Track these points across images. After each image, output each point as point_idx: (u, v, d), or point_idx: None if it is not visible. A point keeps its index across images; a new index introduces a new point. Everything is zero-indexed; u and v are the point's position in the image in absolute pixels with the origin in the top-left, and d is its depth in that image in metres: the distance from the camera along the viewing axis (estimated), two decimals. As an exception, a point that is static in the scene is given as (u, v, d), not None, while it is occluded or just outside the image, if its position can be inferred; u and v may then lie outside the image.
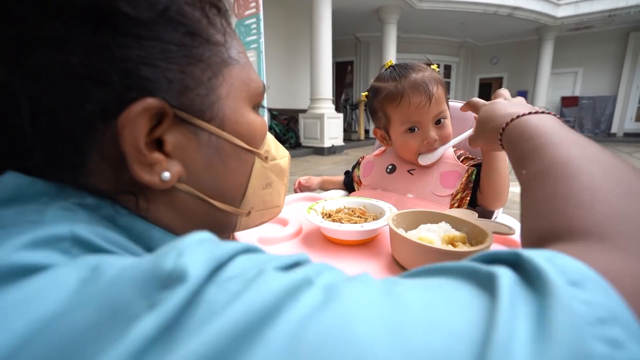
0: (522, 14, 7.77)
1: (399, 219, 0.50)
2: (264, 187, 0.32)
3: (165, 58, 0.22)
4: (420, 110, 0.65)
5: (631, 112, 9.17)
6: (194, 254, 0.15)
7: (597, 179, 0.22)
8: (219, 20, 0.26)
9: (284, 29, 6.32)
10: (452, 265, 0.16)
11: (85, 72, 0.19)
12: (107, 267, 0.15)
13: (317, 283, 0.15)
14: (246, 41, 3.64)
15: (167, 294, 0.13)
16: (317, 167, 4.43)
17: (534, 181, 0.27)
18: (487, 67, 11.10)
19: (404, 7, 6.88)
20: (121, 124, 0.20)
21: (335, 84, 9.30)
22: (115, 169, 0.22)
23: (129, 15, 0.20)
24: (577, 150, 0.26)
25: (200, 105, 0.24)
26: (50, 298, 0.14)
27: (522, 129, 0.34)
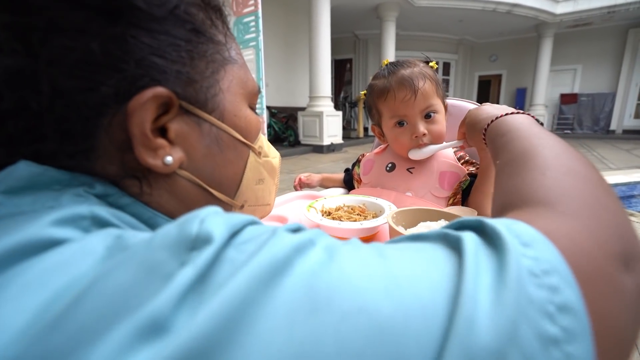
0: (521, 11, 7.76)
1: (398, 217, 0.50)
2: (257, 182, 0.34)
3: (173, 51, 0.24)
4: (406, 104, 0.67)
5: (630, 109, 9.18)
6: (214, 221, 0.17)
7: (548, 160, 0.26)
8: (220, 23, 0.29)
9: (283, 26, 6.30)
10: (428, 233, 0.20)
11: (102, 59, 0.21)
12: (129, 237, 0.17)
13: (318, 244, 0.17)
14: (245, 39, 3.63)
15: (195, 254, 0.15)
16: (316, 165, 4.43)
17: (503, 168, 0.30)
18: (486, 65, 11.09)
19: (403, 4, 6.87)
20: (132, 108, 0.22)
21: (334, 82, 9.29)
22: (121, 152, 0.23)
23: (143, 10, 0.22)
24: (538, 140, 0.30)
25: (203, 96, 0.26)
26: (83, 262, 0.15)
27: (498, 127, 0.39)
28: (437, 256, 0.17)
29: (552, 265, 0.16)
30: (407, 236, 0.20)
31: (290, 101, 6.75)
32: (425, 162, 0.70)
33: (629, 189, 3.38)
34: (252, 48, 3.59)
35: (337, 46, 8.74)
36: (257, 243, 0.16)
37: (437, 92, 0.69)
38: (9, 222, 0.18)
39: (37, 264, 0.15)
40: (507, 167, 0.29)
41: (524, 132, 0.33)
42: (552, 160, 0.26)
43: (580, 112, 9.60)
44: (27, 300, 0.14)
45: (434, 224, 0.48)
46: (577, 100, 9.56)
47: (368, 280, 0.15)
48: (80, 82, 0.21)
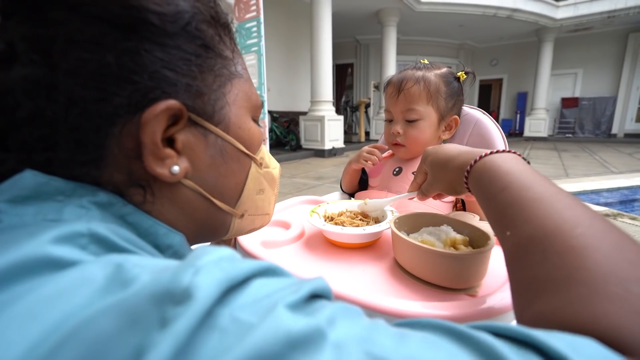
0: (521, 16, 7.79)
1: (401, 222, 0.50)
2: (258, 192, 0.34)
3: (184, 65, 0.25)
4: (391, 101, 0.71)
5: (631, 112, 9.17)
6: (209, 274, 0.15)
7: (613, 259, 0.20)
8: (228, 39, 0.30)
9: (285, 31, 6.34)
10: (478, 341, 0.15)
11: (116, 71, 0.22)
12: (130, 267, 0.17)
13: (329, 339, 0.14)
14: (247, 44, 3.65)
15: (178, 310, 0.14)
16: (318, 170, 4.43)
17: (528, 252, 0.24)
18: (487, 69, 11.11)
19: (404, 9, 6.91)
20: (145, 119, 0.23)
21: (335, 86, 9.32)
22: (129, 161, 0.24)
23: (157, 26, 0.23)
24: (569, 212, 0.24)
25: (211, 109, 0.27)
26: (80, 293, 0.15)
27: (492, 174, 0.31)
28: None
29: None
30: (444, 326, 0.17)
31: (291, 105, 6.77)
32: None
33: (631, 193, 3.37)
34: (254, 53, 3.61)
35: (339, 51, 8.79)
36: (256, 312, 0.15)
37: (429, 100, 0.68)
38: (9, 235, 0.18)
39: (34, 291, 0.15)
40: (538, 253, 0.23)
41: (536, 191, 0.27)
42: (620, 259, 0.20)
43: (581, 115, 9.59)
44: (20, 335, 0.14)
45: (436, 229, 0.48)
46: (578, 104, 9.55)
47: None
48: (94, 93, 0.22)
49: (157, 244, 0.25)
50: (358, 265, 0.48)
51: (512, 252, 0.26)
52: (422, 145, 0.70)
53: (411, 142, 0.69)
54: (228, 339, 0.13)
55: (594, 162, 5.10)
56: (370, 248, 0.54)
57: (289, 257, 0.51)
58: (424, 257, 0.41)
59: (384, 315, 0.35)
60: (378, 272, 0.46)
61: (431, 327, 0.17)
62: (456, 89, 0.72)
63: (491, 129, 0.80)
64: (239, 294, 0.16)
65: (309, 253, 0.53)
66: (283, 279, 0.18)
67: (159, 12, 0.23)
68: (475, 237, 0.46)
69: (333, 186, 3.41)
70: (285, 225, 0.63)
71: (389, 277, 0.45)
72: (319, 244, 0.55)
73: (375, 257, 0.50)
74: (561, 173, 4.22)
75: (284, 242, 0.55)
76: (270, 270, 0.18)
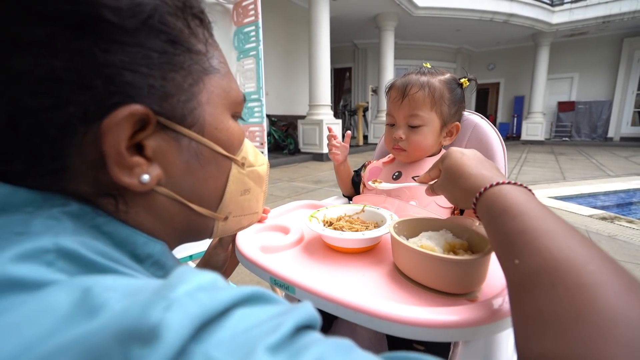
0: (517, 21, 7.87)
1: (400, 227, 0.50)
2: (242, 193, 0.33)
3: (147, 65, 0.22)
4: (394, 105, 0.71)
5: (627, 116, 9.24)
6: (182, 309, 0.14)
7: (623, 301, 0.19)
8: (201, 31, 0.27)
9: (283, 36, 6.37)
10: None
11: (68, 76, 0.20)
12: (99, 292, 0.15)
13: None
14: (245, 48, 3.66)
15: (144, 352, 0.13)
16: (316, 173, 4.43)
17: (536, 283, 0.23)
18: (484, 73, 11.19)
19: (401, 14, 6.96)
20: (105, 128, 0.21)
21: (333, 90, 9.35)
22: (95, 171, 0.22)
23: (112, 22, 0.20)
24: (580, 249, 0.23)
25: (181, 111, 0.25)
26: (40, 323, 0.14)
27: (504, 202, 0.31)
28: None
29: None
30: None
31: (290, 109, 6.78)
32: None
33: (628, 196, 3.39)
34: (252, 57, 3.61)
35: (337, 55, 8.83)
36: (234, 352, 0.14)
37: (433, 106, 0.68)
38: None
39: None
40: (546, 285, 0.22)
41: (548, 225, 0.26)
42: (631, 301, 0.19)
43: (577, 119, 9.66)
44: None
45: (435, 234, 0.48)
46: (575, 108, 9.63)
47: None
48: (45, 101, 0.19)
49: (135, 254, 0.24)
50: (357, 270, 0.48)
51: (519, 282, 0.25)
52: (423, 151, 0.71)
53: (413, 147, 0.70)
54: None
55: (591, 166, 5.13)
56: (370, 253, 0.54)
57: (288, 262, 0.51)
58: (423, 262, 0.41)
59: (384, 320, 0.35)
60: (377, 276, 0.46)
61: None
62: (459, 96, 0.72)
63: (489, 133, 0.80)
64: (217, 328, 0.14)
65: (308, 258, 0.52)
66: (267, 307, 0.17)
67: (114, 7, 0.20)
68: (474, 241, 0.46)
69: (331, 190, 3.40)
70: (285, 230, 0.62)
71: (388, 282, 0.45)
72: (318, 248, 0.55)
73: (375, 262, 0.50)
74: (558, 176, 4.24)
75: (283, 247, 0.55)
76: (254, 297, 0.17)
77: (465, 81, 0.73)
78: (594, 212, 2.59)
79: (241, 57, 4.21)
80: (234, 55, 4.45)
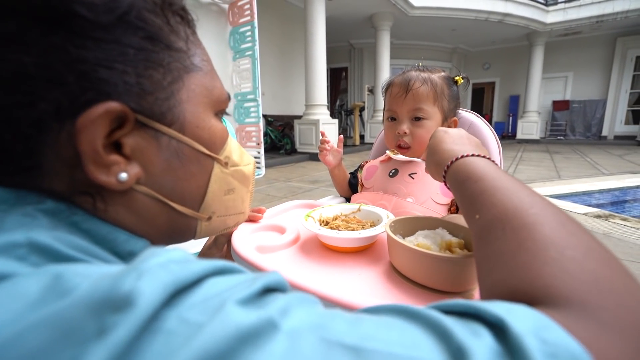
0: (512, 20, 7.92)
1: (396, 226, 0.50)
2: (226, 192, 0.32)
3: (123, 61, 0.22)
4: (397, 100, 0.70)
5: (621, 115, 9.33)
6: (153, 277, 0.14)
7: (556, 231, 0.22)
8: (182, 28, 0.27)
9: (279, 36, 6.36)
10: (428, 317, 0.16)
11: (39, 72, 0.19)
12: (71, 276, 0.15)
13: (282, 329, 0.14)
14: (241, 48, 3.65)
15: (117, 318, 0.13)
16: (313, 173, 4.43)
17: (490, 229, 0.26)
18: (480, 73, 11.25)
19: (397, 14, 6.98)
20: (80, 126, 0.20)
21: (330, 90, 9.35)
22: (71, 169, 0.21)
23: (86, 18, 0.20)
24: (528, 198, 0.26)
25: (160, 108, 0.24)
26: (9, 309, 0.14)
27: (468, 170, 0.34)
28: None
29: None
30: (400, 309, 0.17)
31: (286, 109, 6.77)
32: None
33: (622, 194, 3.42)
34: (248, 57, 3.62)
35: (333, 55, 8.84)
36: (207, 310, 0.14)
37: (436, 100, 0.69)
38: None
39: None
40: (499, 230, 0.25)
41: (505, 183, 0.29)
42: (562, 232, 0.22)
43: (572, 118, 9.74)
44: None
45: (431, 233, 0.48)
46: (569, 107, 9.70)
47: None
48: (16, 97, 0.19)
49: (116, 251, 0.23)
50: (354, 269, 0.48)
51: (479, 233, 0.28)
52: (425, 146, 0.71)
53: (418, 142, 0.70)
54: (175, 341, 0.13)
55: (585, 164, 5.18)
56: (366, 252, 0.54)
57: (284, 262, 0.51)
58: (420, 260, 0.41)
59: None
60: (374, 276, 0.46)
61: (386, 310, 0.18)
62: (456, 92, 0.74)
63: (485, 132, 0.80)
64: (189, 295, 0.15)
65: (304, 258, 0.52)
66: (237, 275, 0.17)
67: (88, 2, 0.20)
68: (470, 239, 0.46)
69: (328, 190, 3.40)
70: (280, 230, 0.62)
71: (385, 280, 0.45)
72: (314, 248, 0.55)
73: (371, 261, 0.50)
74: (553, 175, 4.27)
75: (279, 247, 0.55)
76: (225, 269, 0.17)
77: (460, 79, 0.74)
78: (588, 210, 2.61)
79: (237, 57, 4.20)
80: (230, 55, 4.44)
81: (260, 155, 3.70)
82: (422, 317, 0.16)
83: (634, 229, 2.19)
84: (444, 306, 0.18)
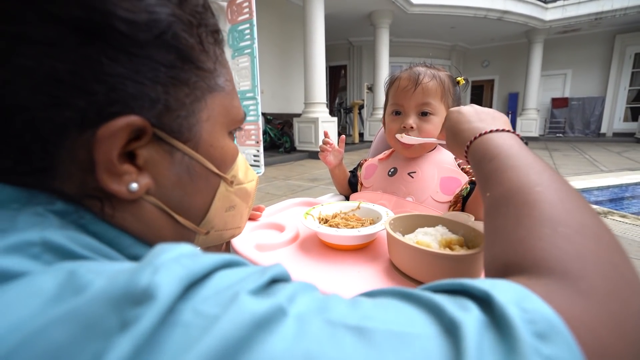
0: (511, 18, 7.91)
1: (396, 223, 0.50)
2: (227, 209, 0.33)
3: (152, 78, 0.22)
4: (405, 94, 0.69)
5: (619, 112, 9.34)
6: (169, 271, 0.15)
7: (555, 209, 0.23)
8: (213, 48, 0.27)
9: (278, 34, 6.34)
10: (420, 297, 0.17)
11: (70, 79, 0.20)
12: (84, 273, 0.16)
13: (291, 313, 0.15)
14: (240, 46, 3.64)
15: (139, 311, 0.13)
16: (312, 171, 4.43)
17: (497, 206, 0.27)
18: (479, 70, 11.24)
19: (396, 11, 6.96)
20: (101, 136, 0.21)
21: (329, 88, 9.34)
22: (84, 173, 0.22)
23: (124, 33, 0.21)
24: (536, 175, 0.27)
25: (179, 126, 0.25)
26: (28, 304, 0.14)
27: (484, 148, 0.35)
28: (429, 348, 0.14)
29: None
30: (397, 292, 0.18)
31: (285, 108, 6.76)
32: (426, 167, 0.71)
33: (620, 191, 3.43)
34: (247, 55, 3.60)
35: (332, 53, 8.81)
36: (219, 303, 0.15)
37: (442, 96, 0.69)
38: None
39: None
40: (503, 207, 0.26)
41: (517, 161, 0.30)
42: (560, 209, 0.23)
43: (571, 115, 9.74)
44: None
45: (431, 230, 0.48)
46: (568, 104, 9.70)
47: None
48: (44, 99, 0.19)
49: (122, 254, 0.24)
50: (353, 267, 0.48)
51: (487, 209, 0.29)
52: (430, 143, 0.71)
53: (425, 137, 0.69)
54: (192, 333, 0.13)
55: (584, 161, 5.18)
56: (366, 249, 0.54)
57: (283, 260, 0.51)
58: (419, 258, 0.41)
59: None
60: (374, 273, 0.46)
61: (382, 293, 0.19)
62: (458, 92, 0.74)
63: (484, 129, 0.80)
64: (202, 288, 0.15)
65: (303, 255, 0.52)
66: (244, 268, 0.18)
67: (129, 20, 0.21)
68: (470, 237, 0.46)
69: (327, 188, 3.40)
70: (280, 228, 0.62)
71: (384, 278, 0.45)
72: (313, 246, 0.55)
73: (371, 259, 0.50)
74: (552, 172, 4.27)
75: (279, 245, 0.55)
76: (232, 262, 0.18)
77: (462, 80, 0.74)
78: (587, 207, 2.61)
79: (236, 55, 4.18)
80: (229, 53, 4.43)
81: (260, 153, 3.69)
82: (415, 297, 0.18)
83: (632, 226, 2.20)
84: (435, 286, 0.19)
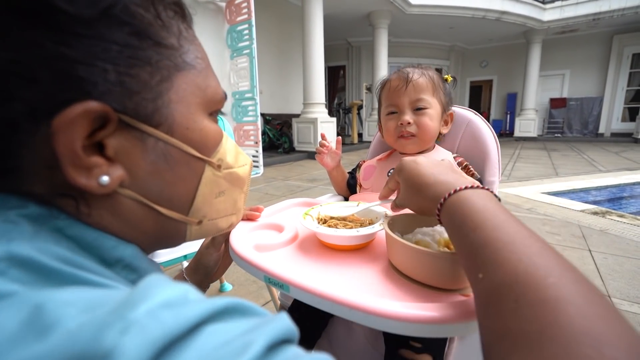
0: (509, 18, 7.93)
1: (394, 223, 0.50)
2: (217, 195, 0.31)
3: (106, 58, 0.20)
4: (397, 93, 0.71)
5: (617, 112, 9.37)
6: (141, 332, 0.13)
7: (586, 317, 0.19)
8: (175, 23, 0.25)
9: (277, 34, 6.34)
10: None
11: (13, 69, 0.18)
12: (53, 308, 0.14)
13: None
14: (239, 46, 3.64)
15: None
16: (311, 172, 4.43)
17: (501, 297, 0.23)
18: (477, 70, 11.26)
19: (395, 12, 6.97)
20: (56, 127, 0.19)
21: (327, 89, 9.34)
22: (50, 170, 0.20)
23: (67, 12, 0.19)
24: (540, 259, 0.23)
25: (145, 109, 0.23)
26: None
27: (463, 212, 0.31)
28: None
29: None
30: None
31: (284, 108, 6.76)
32: None
33: (619, 191, 3.45)
34: (246, 56, 3.61)
35: (331, 53, 8.82)
36: None
37: (434, 92, 0.71)
38: None
39: None
40: (513, 302, 0.22)
41: (507, 235, 0.26)
42: (593, 316, 0.19)
43: (569, 115, 9.78)
44: None
45: (430, 230, 0.48)
46: (566, 105, 9.73)
47: None
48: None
49: (104, 258, 0.22)
50: (352, 267, 0.48)
51: (484, 297, 0.25)
52: (430, 135, 0.72)
53: (423, 130, 0.71)
54: None
55: (583, 161, 5.20)
56: (364, 250, 0.53)
57: (282, 261, 0.51)
58: (418, 258, 0.41)
59: (379, 317, 0.34)
60: (372, 273, 0.46)
61: None
62: (448, 88, 0.76)
63: (483, 129, 0.80)
64: (182, 349, 0.13)
65: (302, 256, 0.52)
66: (239, 321, 0.16)
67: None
68: (468, 237, 0.46)
69: (326, 188, 3.40)
70: (279, 228, 0.62)
71: (383, 278, 0.45)
72: (312, 246, 0.55)
73: (370, 259, 0.50)
74: (551, 172, 4.29)
75: (277, 245, 0.55)
76: (227, 310, 0.16)
77: (449, 77, 0.77)
78: (585, 207, 2.63)
79: (234, 55, 4.18)
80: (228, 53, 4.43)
81: (259, 154, 3.69)
82: None
83: (630, 226, 2.20)
84: None
